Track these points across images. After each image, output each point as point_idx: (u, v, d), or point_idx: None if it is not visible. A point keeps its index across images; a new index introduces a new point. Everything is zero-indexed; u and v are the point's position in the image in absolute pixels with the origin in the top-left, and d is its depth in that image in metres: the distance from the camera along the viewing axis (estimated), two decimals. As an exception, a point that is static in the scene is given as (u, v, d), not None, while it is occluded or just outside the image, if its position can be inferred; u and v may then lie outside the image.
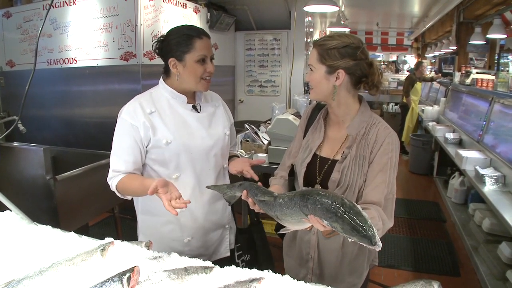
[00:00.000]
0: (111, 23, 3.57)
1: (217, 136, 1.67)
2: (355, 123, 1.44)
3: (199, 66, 1.54)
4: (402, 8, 7.02)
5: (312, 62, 1.40)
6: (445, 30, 6.99)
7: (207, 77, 1.58)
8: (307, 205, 1.09)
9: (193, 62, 1.53)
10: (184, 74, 1.56)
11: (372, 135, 1.41)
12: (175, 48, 1.54)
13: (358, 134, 1.42)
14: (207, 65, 1.56)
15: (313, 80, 1.41)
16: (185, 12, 4.36)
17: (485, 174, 2.90)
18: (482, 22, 5.41)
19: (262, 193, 1.28)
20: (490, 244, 3.20)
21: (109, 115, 3.80)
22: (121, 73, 3.67)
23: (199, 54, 1.52)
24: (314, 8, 4.37)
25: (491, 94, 3.67)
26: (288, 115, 3.03)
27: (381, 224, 1.30)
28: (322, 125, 1.53)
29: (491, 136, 3.47)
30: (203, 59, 1.54)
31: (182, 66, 1.54)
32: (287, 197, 1.18)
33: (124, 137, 1.54)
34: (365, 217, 1.01)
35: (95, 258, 1.09)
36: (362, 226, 0.99)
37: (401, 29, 9.64)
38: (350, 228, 1.00)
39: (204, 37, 1.55)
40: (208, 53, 1.56)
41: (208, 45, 1.56)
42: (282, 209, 1.18)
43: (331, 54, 1.36)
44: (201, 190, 1.63)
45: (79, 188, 2.56)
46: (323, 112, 1.56)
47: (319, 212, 1.06)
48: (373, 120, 1.45)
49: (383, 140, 1.38)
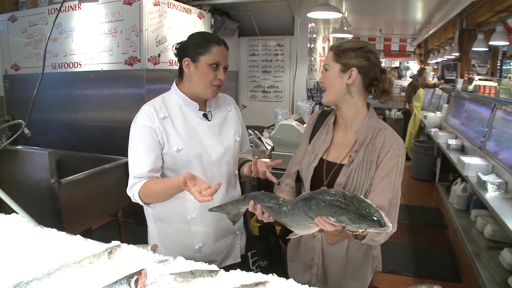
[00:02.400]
0: (116, 28, 3.60)
1: (227, 144, 1.67)
2: (363, 128, 1.46)
3: (210, 71, 1.54)
4: (405, 14, 7.05)
5: (327, 61, 1.45)
6: (447, 36, 7.01)
7: (217, 85, 1.57)
8: (311, 207, 1.10)
9: (206, 65, 1.53)
10: (195, 76, 1.56)
11: (380, 140, 1.43)
12: (192, 48, 1.55)
13: (366, 138, 1.45)
14: (218, 72, 1.56)
15: (328, 79, 1.45)
16: (190, 17, 4.39)
17: (487, 181, 2.91)
18: (484, 29, 5.44)
19: (269, 198, 1.29)
20: (492, 250, 3.19)
21: (113, 119, 3.83)
22: (125, 78, 3.70)
23: (213, 59, 1.53)
24: (317, 15, 4.41)
25: (493, 100, 3.68)
26: (291, 121, 3.05)
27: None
28: (330, 129, 1.54)
29: (493, 143, 3.48)
30: (216, 64, 1.54)
31: (194, 67, 1.55)
32: (290, 204, 1.20)
33: (142, 140, 1.53)
34: (368, 203, 1.04)
35: (102, 261, 1.10)
36: (369, 211, 1.01)
37: (404, 36, 9.68)
38: (357, 217, 1.02)
39: (222, 45, 1.57)
40: (222, 61, 1.56)
41: (224, 54, 1.57)
42: (287, 216, 1.20)
43: (346, 53, 1.41)
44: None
45: (83, 191, 2.58)
46: (331, 117, 1.58)
47: (324, 210, 1.07)
48: (381, 125, 1.48)
49: (390, 145, 1.41)
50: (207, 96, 1.60)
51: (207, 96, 1.60)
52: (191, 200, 1.58)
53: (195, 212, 1.61)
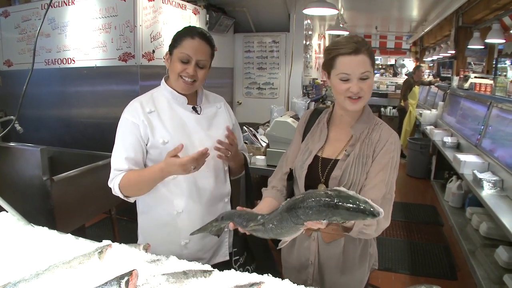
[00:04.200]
0: (110, 23, 3.56)
1: (216, 138, 1.65)
2: (360, 123, 1.45)
3: (179, 64, 1.52)
4: (401, 12, 7.04)
5: (367, 68, 1.34)
6: (443, 34, 7.00)
7: (185, 78, 1.54)
8: (298, 216, 1.08)
9: (176, 58, 1.53)
10: (170, 69, 1.58)
11: (376, 134, 1.42)
12: (171, 43, 1.58)
13: (362, 133, 1.43)
14: (188, 66, 1.52)
15: (370, 87, 1.37)
16: (184, 13, 4.35)
17: (483, 179, 2.90)
18: (480, 26, 5.43)
19: (247, 220, 1.26)
20: (487, 248, 3.19)
21: (106, 116, 3.79)
22: (119, 74, 3.65)
23: (182, 52, 1.51)
24: (313, 11, 4.37)
25: (489, 98, 3.68)
26: (286, 117, 3.03)
27: (374, 220, 1.30)
28: (325, 127, 1.52)
29: (489, 141, 3.47)
30: (187, 60, 1.51)
31: (169, 60, 1.57)
32: (275, 220, 1.16)
33: (125, 135, 1.55)
34: (355, 196, 1.02)
35: (92, 261, 1.07)
36: (358, 205, 1.00)
37: (400, 33, 9.67)
38: (348, 213, 1.01)
39: (197, 38, 1.53)
40: (193, 55, 1.51)
41: (198, 47, 1.53)
42: (274, 230, 1.17)
43: (373, 55, 1.39)
44: (199, 192, 1.62)
45: (76, 189, 2.54)
46: (326, 115, 1.55)
47: (313, 216, 1.05)
48: (376, 121, 1.48)
49: (386, 140, 1.40)
50: (178, 88, 1.59)
51: (178, 88, 1.59)
52: (178, 195, 1.59)
53: (181, 207, 1.60)
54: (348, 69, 1.33)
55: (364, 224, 1.28)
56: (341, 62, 1.34)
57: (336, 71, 1.36)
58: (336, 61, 1.35)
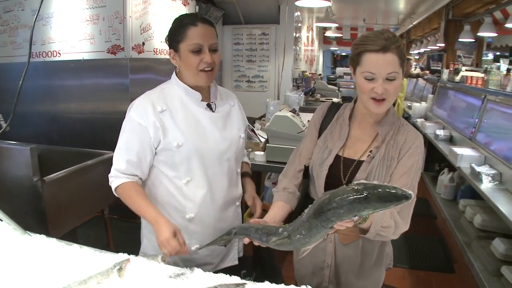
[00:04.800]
0: (97, 14, 3.41)
1: (231, 139, 1.56)
2: (386, 123, 1.38)
3: (193, 56, 1.40)
4: (389, 4, 7.02)
5: (395, 68, 1.24)
6: (431, 27, 7.02)
7: (206, 69, 1.43)
8: (329, 219, 1.01)
9: (187, 52, 1.41)
10: (182, 65, 1.46)
11: (402, 136, 1.36)
12: (172, 38, 1.45)
13: (387, 134, 1.37)
14: (203, 55, 1.41)
15: (396, 89, 1.27)
16: (174, 4, 4.22)
17: (482, 172, 2.89)
18: (471, 20, 5.44)
19: (267, 235, 1.17)
20: (482, 240, 3.20)
21: (95, 111, 3.66)
22: (108, 67, 3.53)
23: (192, 43, 1.39)
24: (306, 3, 4.30)
25: (484, 92, 3.67)
26: (285, 112, 2.95)
27: (392, 222, 1.26)
28: (346, 124, 1.44)
29: (484, 134, 3.47)
30: (198, 49, 1.41)
31: (178, 57, 1.45)
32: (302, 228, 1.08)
33: (130, 137, 1.45)
34: (381, 184, 0.98)
35: (112, 279, 0.97)
36: (389, 191, 0.95)
37: (387, 26, 9.68)
38: (381, 202, 0.95)
39: (200, 24, 1.41)
40: (203, 41, 1.40)
41: (205, 32, 1.42)
42: (304, 240, 1.09)
43: (404, 53, 1.28)
44: (213, 196, 1.53)
45: (68, 189, 2.41)
46: (347, 111, 1.46)
47: (345, 215, 0.99)
48: (401, 122, 1.41)
49: (412, 142, 1.34)
50: (199, 83, 1.48)
51: (199, 83, 1.48)
52: (191, 199, 1.49)
53: (193, 212, 1.51)
54: (374, 68, 1.24)
55: (381, 226, 1.23)
56: (367, 60, 1.25)
57: (362, 68, 1.27)
58: (362, 57, 1.26)
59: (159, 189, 1.52)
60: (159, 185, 1.52)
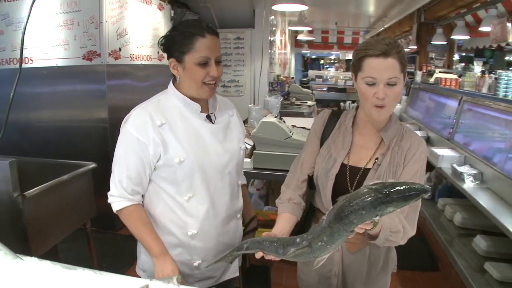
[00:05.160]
0: (72, 19, 3.28)
1: (232, 152, 1.51)
2: (390, 129, 1.37)
3: (199, 69, 1.34)
4: (360, 8, 7.15)
5: (395, 73, 1.23)
6: (402, 30, 7.21)
7: (211, 82, 1.38)
8: (351, 222, 0.99)
9: (193, 64, 1.34)
10: (185, 77, 1.39)
11: (406, 142, 1.36)
12: (175, 47, 1.36)
13: (392, 141, 1.36)
14: (210, 68, 1.35)
15: (397, 94, 1.26)
16: (150, 9, 4.12)
17: (464, 172, 2.97)
18: (443, 23, 5.62)
19: (283, 247, 1.14)
20: (463, 237, 3.28)
21: (71, 119, 3.52)
22: (84, 74, 3.40)
23: (200, 56, 1.33)
24: (283, 7, 4.29)
25: (460, 93, 3.79)
26: (271, 117, 2.93)
27: (401, 227, 1.25)
28: (349, 132, 1.42)
29: (461, 134, 3.57)
30: (205, 62, 1.35)
31: (182, 68, 1.37)
32: (324, 235, 1.05)
33: (128, 153, 1.37)
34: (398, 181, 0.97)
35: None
36: (409, 187, 0.94)
37: (357, 28, 9.88)
38: (403, 199, 0.94)
39: (208, 35, 1.34)
40: (211, 54, 1.35)
41: (212, 45, 1.35)
42: (325, 247, 1.06)
43: (405, 58, 1.27)
44: (215, 211, 1.47)
45: (49, 204, 2.29)
46: (349, 119, 1.45)
47: (367, 216, 0.97)
48: (404, 127, 1.41)
49: (417, 148, 1.35)
50: (202, 96, 1.42)
51: (202, 96, 1.42)
52: (193, 215, 1.43)
53: (196, 228, 1.45)
54: (375, 72, 1.23)
55: (390, 231, 1.22)
56: (368, 65, 1.24)
57: (363, 73, 1.26)
58: (364, 63, 1.26)
59: (158, 205, 1.45)
60: (158, 201, 1.45)
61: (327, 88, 11.09)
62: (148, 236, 1.38)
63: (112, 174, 1.40)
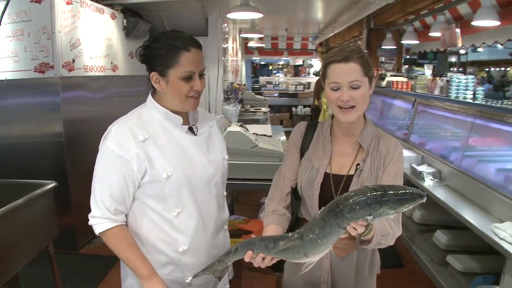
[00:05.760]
0: (22, 29, 3.09)
1: (216, 163, 1.49)
2: (366, 134, 1.41)
3: (184, 84, 1.31)
4: (309, 14, 7.32)
5: (357, 77, 1.29)
6: (352, 35, 7.48)
7: (194, 96, 1.36)
8: (345, 216, 1.01)
9: (177, 79, 1.31)
10: (168, 91, 1.35)
11: (383, 145, 1.41)
12: (158, 61, 1.32)
13: (370, 146, 1.41)
14: (194, 82, 1.33)
15: (362, 97, 1.30)
16: (103, 18, 3.98)
17: (423, 171, 3.13)
18: (393, 28, 5.92)
19: (274, 242, 1.15)
20: (424, 233, 3.44)
21: (24, 134, 3.33)
22: (36, 87, 3.22)
23: (184, 71, 1.30)
24: (238, 15, 4.31)
25: (414, 95, 3.99)
26: (235, 127, 2.93)
27: (389, 229, 1.30)
28: (328, 141, 1.45)
29: (417, 135, 3.76)
30: (189, 76, 1.32)
31: (165, 82, 1.33)
32: (316, 227, 1.07)
33: (110, 170, 1.31)
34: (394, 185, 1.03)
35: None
36: (405, 191, 0.97)
37: (307, 34, 10.12)
38: (398, 201, 0.97)
39: (193, 49, 1.31)
40: (196, 68, 1.33)
41: (196, 58, 1.33)
42: (316, 241, 1.08)
43: (369, 63, 1.32)
44: (204, 224, 1.44)
45: (10, 229, 2.12)
46: (326, 128, 1.48)
47: (360, 212, 0.99)
48: (379, 131, 1.46)
49: (394, 150, 1.40)
50: (187, 109, 1.40)
51: (187, 109, 1.40)
52: (183, 231, 1.40)
53: (186, 244, 1.41)
54: (338, 77, 1.29)
55: (381, 235, 1.26)
56: (331, 70, 1.31)
57: (328, 80, 1.33)
58: (328, 69, 1.33)
59: (144, 223, 1.40)
60: (143, 219, 1.40)
61: (279, 93, 11.26)
62: (135, 258, 1.33)
63: (92, 194, 1.33)
